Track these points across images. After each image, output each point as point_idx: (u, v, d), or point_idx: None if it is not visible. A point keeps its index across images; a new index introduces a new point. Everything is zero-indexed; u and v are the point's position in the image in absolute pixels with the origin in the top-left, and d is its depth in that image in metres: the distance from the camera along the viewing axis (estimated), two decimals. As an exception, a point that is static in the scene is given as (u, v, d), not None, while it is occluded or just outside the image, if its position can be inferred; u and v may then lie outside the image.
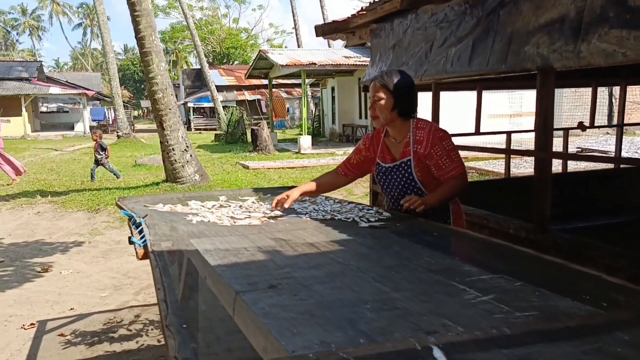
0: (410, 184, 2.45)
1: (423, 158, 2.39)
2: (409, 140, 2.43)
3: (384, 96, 2.38)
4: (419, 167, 2.41)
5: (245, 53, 48.98)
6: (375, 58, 4.08)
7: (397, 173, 2.49)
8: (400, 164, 2.46)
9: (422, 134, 2.39)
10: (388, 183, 2.56)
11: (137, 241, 1.93)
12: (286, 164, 12.46)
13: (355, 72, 19.26)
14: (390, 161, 2.53)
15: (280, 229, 2.43)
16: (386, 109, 2.39)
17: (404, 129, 2.46)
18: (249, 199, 3.44)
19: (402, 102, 2.39)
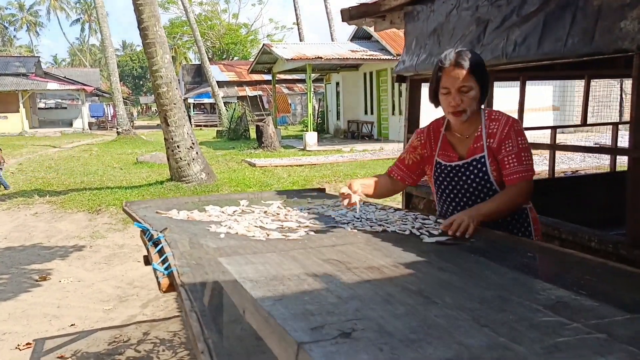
0: (485, 185, 2.03)
1: (496, 153, 1.98)
2: (481, 134, 2.01)
3: (473, 84, 1.93)
4: (495, 165, 1.99)
5: (245, 49, 48.60)
6: (411, 45, 3.65)
7: (467, 173, 2.06)
8: (472, 162, 2.03)
9: (496, 126, 1.99)
10: (454, 185, 2.13)
11: (160, 268, 1.50)
12: (294, 161, 12.03)
13: (361, 66, 18.82)
14: (457, 159, 2.09)
15: (326, 244, 2.01)
16: (475, 99, 1.96)
17: (475, 121, 2.04)
18: (273, 204, 3.02)
19: (486, 90, 1.98)
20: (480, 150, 2.01)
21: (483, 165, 2.01)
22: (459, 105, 1.96)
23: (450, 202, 2.19)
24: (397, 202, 7.68)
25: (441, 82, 2.00)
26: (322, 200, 3.15)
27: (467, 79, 1.93)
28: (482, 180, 2.02)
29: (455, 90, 1.96)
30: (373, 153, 13.20)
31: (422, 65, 3.42)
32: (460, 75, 1.94)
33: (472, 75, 1.93)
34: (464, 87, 1.94)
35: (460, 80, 1.94)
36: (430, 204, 3.55)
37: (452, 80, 1.96)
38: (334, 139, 19.35)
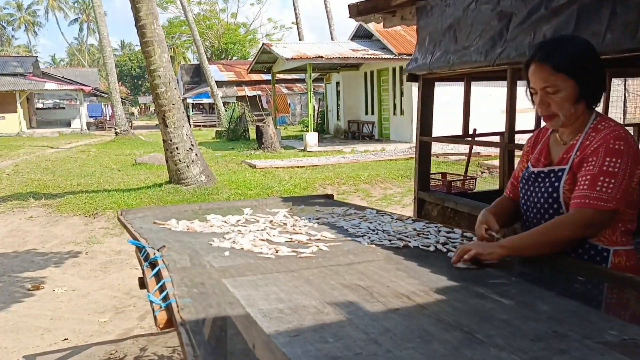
0: (551, 204, 1.70)
1: (576, 169, 1.65)
2: (576, 142, 1.68)
3: (561, 83, 1.59)
4: (572, 182, 1.66)
5: (243, 48, 48.39)
6: (424, 42, 3.43)
7: (540, 184, 1.75)
8: (549, 173, 1.73)
9: (595, 138, 1.62)
10: (527, 196, 1.80)
11: (156, 299, 1.28)
12: (295, 162, 11.81)
13: (362, 66, 18.60)
14: (543, 164, 1.78)
15: (342, 262, 1.80)
16: (568, 101, 1.61)
17: (579, 128, 1.68)
18: (279, 212, 2.81)
19: (590, 86, 1.62)
20: (566, 162, 1.68)
21: (558, 179, 1.69)
22: (546, 109, 1.65)
23: (524, 218, 1.87)
24: (402, 205, 7.48)
25: (529, 79, 1.69)
26: (332, 208, 2.94)
27: (552, 77, 1.59)
28: (550, 197, 1.71)
29: (540, 90, 1.64)
30: (375, 154, 12.98)
31: (437, 63, 3.21)
32: (543, 73, 1.60)
33: (561, 72, 1.58)
34: (548, 87, 1.61)
35: (542, 79, 1.61)
36: (445, 211, 3.35)
37: (534, 79, 1.65)
38: (334, 140, 19.13)
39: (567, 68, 1.58)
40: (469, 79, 3.53)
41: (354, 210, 2.80)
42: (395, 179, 8.96)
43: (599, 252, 1.66)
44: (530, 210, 1.79)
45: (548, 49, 1.63)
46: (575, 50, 1.61)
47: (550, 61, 1.59)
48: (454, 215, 3.28)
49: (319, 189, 8.41)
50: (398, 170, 9.64)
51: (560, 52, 1.60)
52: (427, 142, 3.53)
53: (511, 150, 2.75)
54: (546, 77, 1.60)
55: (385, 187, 8.53)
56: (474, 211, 3.07)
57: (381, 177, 8.99)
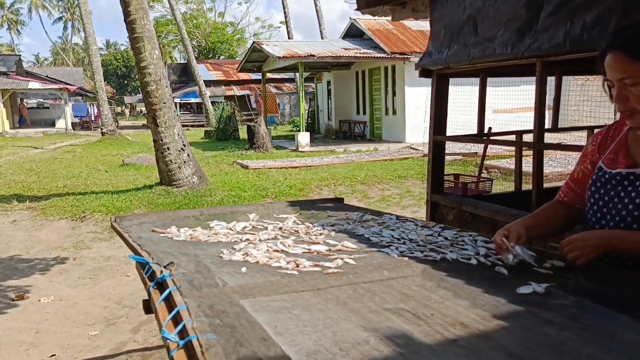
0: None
1: None
2: None
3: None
4: None
5: (231, 47, 48.08)
6: (439, 34, 3.22)
7: (628, 188, 1.51)
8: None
9: None
10: (606, 201, 1.56)
11: (172, 336, 1.04)
12: (287, 163, 11.56)
13: (353, 65, 18.40)
14: (624, 165, 1.55)
15: (375, 278, 1.57)
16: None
17: None
18: (288, 218, 2.58)
19: None
20: None
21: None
22: (625, 104, 1.43)
23: (594, 224, 1.62)
24: (401, 207, 7.26)
25: (606, 71, 1.47)
26: (345, 213, 2.71)
27: (631, 67, 1.38)
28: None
29: (617, 83, 1.43)
30: (369, 154, 12.78)
31: (455, 57, 3.00)
32: (620, 63, 1.40)
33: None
34: (626, 79, 1.40)
35: (619, 69, 1.40)
36: (462, 215, 3.14)
37: (610, 70, 1.43)
38: (325, 139, 18.91)
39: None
40: (485, 75, 3.32)
41: (370, 215, 2.57)
42: (392, 179, 8.76)
43: None
44: (611, 217, 1.55)
45: (625, 35, 1.43)
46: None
47: (628, 49, 1.39)
48: (472, 220, 3.07)
49: (315, 190, 8.18)
50: (394, 171, 9.44)
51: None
52: (441, 141, 3.32)
53: (540, 151, 2.54)
54: (624, 67, 1.39)
55: (382, 188, 8.32)
56: (495, 215, 2.87)
57: (378, 177, 8.79)
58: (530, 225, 1.66)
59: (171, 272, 1.48)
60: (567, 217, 1.72)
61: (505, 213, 2.79)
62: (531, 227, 1.66)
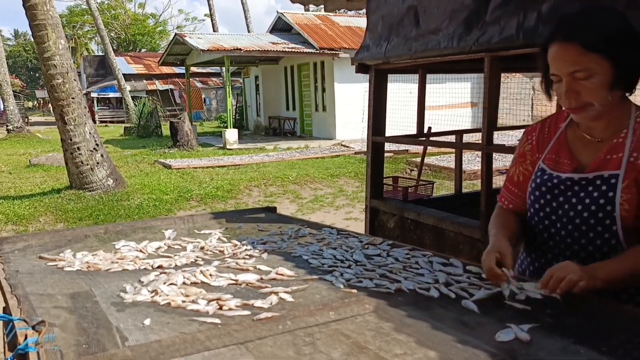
0: (602, 221, 1.32)
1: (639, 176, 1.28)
2: (623, 141, 1.31)
3: (595, 66, 1.23)
4: (631, 194, 1.29)
5: (153, 40, 46.36)
6: (376, 26, 2.95)
7: (580, 194, 1.35)
8: (595, 180, 1.33)
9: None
10: (554, 209, 1.40)
11: None
12: (214, 161, 11.01)
13: (281, 60, 18.03)
14: (571, 169, 1.38)
15: (319, 321, 1.25)
16: (604, 87, 1.25)
17: (618, 120, 1.33)
18: (212, 234, 2.21)
19: (630, 68, 1.26)
20: (615, 165, 1.31)
21: (611, 188, 1.30)
22: (577, 99, 1.27)
23: (542, 237, 1.44)
24: (335, 207, 6.99)
25: (550, 65, 1.30)
26: (278, 226, 2.38)
27: (583, 59, 1.23)
28: (600, 211, 1.31)
29: (567, 77, 1.26)
30: (300, 152, 12.49)
31: (395, 51, 2.74)
32: (570, 55, 1.24)
33: (595, 52, 1.22)
34: (578, 72, 1.24)
35: (570, 61, 1.24)
36: (404, 223, 2.90)
37: (558, 63, 1.27)
38: (254, 136, 18.43)
39: (601, 46, 1.21)
40: (424, 71, 3.10)
41: (308, 229, 2.25)
42: (325, 178, 8.52)
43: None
44: (562, 224, 1.37)
45: (574, 23, 1.25)
46: (609, 24, 1.24)
47: (579, 39, 1.22)
48: (415, 228, 2.84)
49: (244, 192, 7.76)
50: (327, 169, 9.21)
51: (591, 27, 1.23)
52: (380, 142, 3.06)
53: (490, 154, 2.33)
54: (575, 59, 1.24)
55: (315, 188, 8.06)
56: (441, 223, 2.65)
57: (310, 176, 8.51)
58: (509, 238, 1.43)
59: (40, 339, 1.07)
60: (521, 225, 1.52)
61: (452, 220, 2.58)
62: (510, 240, 1.43)
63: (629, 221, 1.28)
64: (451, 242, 2.55)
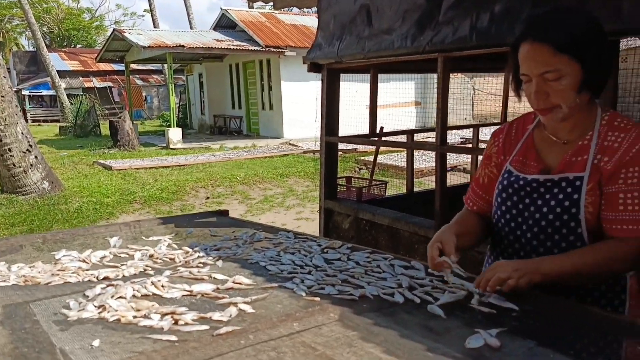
0: (567, 223, 1.32)
1: (606, 180, 1.28)
2: (589, 143, 1.32)
3: (565, 67, 1.23)
4: (595, 196, 1.29)
5: (89, 36, 44.41)
6: (328, 25, 2.92)
7: (546, 196, 1.34)
8: (560, 182, 1.33)
9: (619, 139, 1.28)
10: (520, 211, 1.39)
11: None
12: (158, 162, 10.65)
13: (226, 57, 17.72)
14: (537, 169, 1.38)
15: (283, 334, 1.19)
16: (573, 88, 1.24)
17: (584, 123, 1.33)
18: (161, 241, 2.10)
19: (598, 71, 1.26)
20: (580, 167, 1.31)
21: (576, 191, 1.30)
22: (545, 100, 1.26)
23: (508, 240, 1.43)
24: (285, 207, 6.92)
25: (520, 65, 1.29)
26: (231, 230, 2.29)
27: (553, 60, 1.22)
28: (565, 213, 1.31)
29: (537, 77, 1.25)
30: (247, 151, 12.31)
31: (348, 50, 2.71)
32: (541, 55, 1.23)
33: (565, 53, 1.22)
34: (548, 73, 1.23)
35: (541, 62, 1.23)
36: (359, 224, 2.88)
37: (529, 63, 1.26)
38: (199, 135, 18.01)
39: (571, 48, 1.21)
40: (376, 71, 3.09)
41: (263, 233, 2.18)
42: (274, 178, 8.43)
43: (617, 280, 1.34)
44: (528, 227, 1.38)
45: (545, 24, 1.25)
46: (579, 25, 1.24)
47: (550, 39, 1.22)
48: (370, 228, 2.83)
49: (190, 193, 7.54)
50: (275, 169, 9.11)
51: (562, 28, 1.23)
52: (333, 143, 3.02)
53: (443, 154, 2.34)
54: (546, 59, 1.23)
55: (264, 188, 7.95)
56: (396, 223, 2.65)
57: (259, 176, 8.39)
58: (458, 233, 1.44)
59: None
60: (483, 227, 1.53)
61: (407, 220, 2.58)
62: (459, 235, 1.44)
63: (592, 223, 1.29)
64: (406, 242, 2.55)
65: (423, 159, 9.44)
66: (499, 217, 1.45)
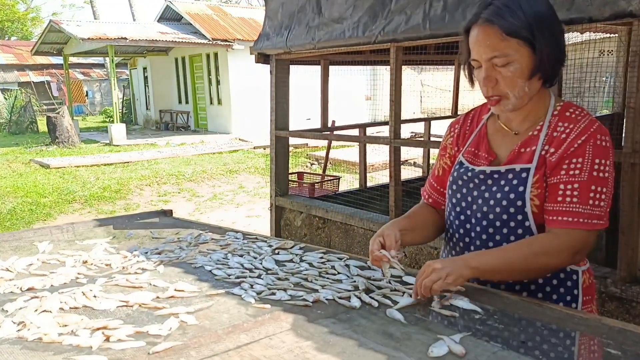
0: (513, 216, 1.27)
1: (550, 171, 1.24)
2: (538, 134, 1.27)
3: (514, 52, 1.18)
4: (542, 188, 1.24)
5: (25, 28, 42.15)
6: (276, 14, 2.78)
7: (492, 189, 1.29)
8: (507, 174, 1.28)
9: (568, 129, 1.23)
10: (468, 204, 1.34)
11: None
12: (100, 159, 10.16)
13: (171, 50, 17.17)
14: (487, 162, 1.33)
15: (230, 347, 1.07)
16: (521, 76, 1.20)
17: (536, 112, 1.28)
18: (96, 245, 1.95)
19: (549, 57, 1.20)
20: (528, 158, 1.26)
21: (522, 183, 1.25)
22: (494, 87, 1.21)
23: (458, 234, 1.38)
24: (235, 204, 6.71)
25: (470, 49, 1.23)
26: (175, 232, 2.14)
27: (502, 44, 1.17)
28: (510, 206, 1.26)
29: (486, 63, 1.20)
30: (195, 147, 11.96)
31: (297, 40, 2.60)
32: (490, 39, 1.18)
33: (515, 37, 1.17)
34: (496, 58, 1.19)
35: (489, 46, 1.18)
36: (311, 221, 2.78)
37: (478, 47, 1.20)
38: (144, 131, 17.39)
39: (521, 31, 1.17)
40: (327, 63, 2.99)
41: (210, 234, 2.04)
42: (223, 174, 8.20)
43: (568, 275, 1.30)
44: (477, 221, 1.32)
45: (497, 6, 1.19)
46: (531, 9, 1.19)
47: (499, 22, 1.17)
48: (323, 225, 2.73)
49: (135, 191, 7.21)
50: (224, 165, 8.87)
51: (513, 11, 1.18)
52: (284, 137, 2.90)
53: (397, 148, 2.27)
54: (495, 43, 1.18)
55: (213, 185, 7.71)
56: (350, 220, 2.56)
57: (207, 173, 8.13)
58: (405, 227, 1.39)
59: None
60: (438, 221, 1.48)
61: (360, 217, 2.50)
62: (405, 230, 1.39)
63: (539, 216, 1.25)
64: (361, 239, 2.48)
65: (375, 153, 9.45)
66: (449, 211, 1.41)
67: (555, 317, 1.16)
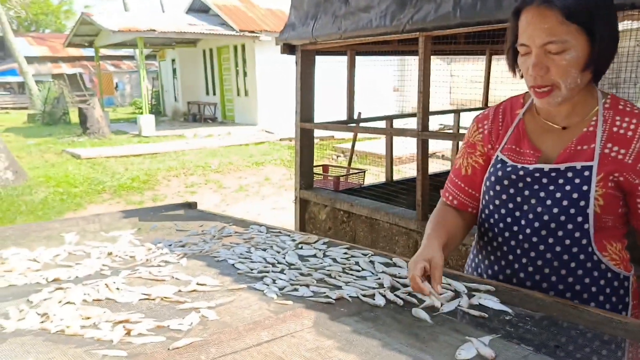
0: (573, 218, 1.17)
1: (621, 172, 1.14)
2: (594, 130, 1.17)
3: (572, 39, 1.08)
4: (606, 188, 1.15)
5: (58, 20, 43.07)
6: (302, 3, 2.74)
7: (549, 188, 1.19)
8: (566, 172, 1.18)
9: (633, 124, 1.14)
10: (521, 202, 1.23)
11: None
12: (129, 150, 10.33)
13: (199, 42, 17.29)
14: (535, 160, 1.22)
15: (250, 344, 1.05)
16: (576, 66, 1.09)
17: (585, 106, 1.19)
18: (121, 236, 1.95)
19: (608, 48, 1.11)
20: (587, 156, 1.16)
21: (585, 182, 1.15)
22: (544, 76, 1.11)
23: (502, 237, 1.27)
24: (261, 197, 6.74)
25: (520, 33, 1.13)
26: (199, 224, 2.13)
27: (561, 29, 1.07)
28: (572, 207, 1.16)
29: (538, 49, 1.09)
30: (221, 138, 12.04)
31: (323, 30, 2.55)
32: (548, 22, 1.07)
33: (574, 22, 1.07)
34: (552, 44, 1.08)
35: (546, 30, 1.08)
36: (336, 215, 2.74)
37: (532, 30, 1.09)
38: (173, 123, 17.60)
39: (582, 16, 1.06)
40: (353, 53, 2.94)
41: (233, 227, 2.03)
42: (249, 166, 8.23)
43: (621, 282, 1.23)
44: (528, 222, 1.22)
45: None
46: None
47: (560, 3, 1.06)
48: (347, 219, 2.70)
49: (162, 182, 7.30)
50: (251, 157, 8.90)
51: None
52: (309, 129, 2.87)
53: (425, 140, 2.21)
54: (553, 27, 1.07)
55: (239, 177, 7.74)
56: (375, 214, 2.52)
57: (233, 165, 8.18)
58: (444, 245, 1.27)
59: None
60: (464, 227, 1.37)
61: (386, 211, 2.45)
62: (445, 247, 1.27)
63: (600, 218, 1.16)
64: (386, 233, 2.43)
65: (402, 146, 9.33)
66: (490, 213, 1.29)
67: (592, 321, 1.10)
